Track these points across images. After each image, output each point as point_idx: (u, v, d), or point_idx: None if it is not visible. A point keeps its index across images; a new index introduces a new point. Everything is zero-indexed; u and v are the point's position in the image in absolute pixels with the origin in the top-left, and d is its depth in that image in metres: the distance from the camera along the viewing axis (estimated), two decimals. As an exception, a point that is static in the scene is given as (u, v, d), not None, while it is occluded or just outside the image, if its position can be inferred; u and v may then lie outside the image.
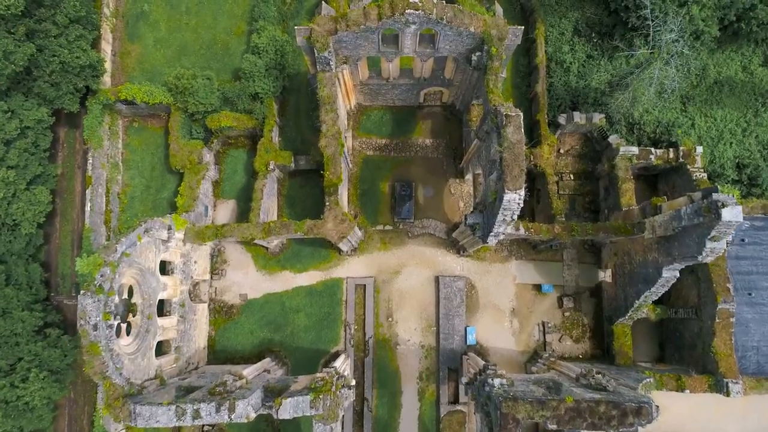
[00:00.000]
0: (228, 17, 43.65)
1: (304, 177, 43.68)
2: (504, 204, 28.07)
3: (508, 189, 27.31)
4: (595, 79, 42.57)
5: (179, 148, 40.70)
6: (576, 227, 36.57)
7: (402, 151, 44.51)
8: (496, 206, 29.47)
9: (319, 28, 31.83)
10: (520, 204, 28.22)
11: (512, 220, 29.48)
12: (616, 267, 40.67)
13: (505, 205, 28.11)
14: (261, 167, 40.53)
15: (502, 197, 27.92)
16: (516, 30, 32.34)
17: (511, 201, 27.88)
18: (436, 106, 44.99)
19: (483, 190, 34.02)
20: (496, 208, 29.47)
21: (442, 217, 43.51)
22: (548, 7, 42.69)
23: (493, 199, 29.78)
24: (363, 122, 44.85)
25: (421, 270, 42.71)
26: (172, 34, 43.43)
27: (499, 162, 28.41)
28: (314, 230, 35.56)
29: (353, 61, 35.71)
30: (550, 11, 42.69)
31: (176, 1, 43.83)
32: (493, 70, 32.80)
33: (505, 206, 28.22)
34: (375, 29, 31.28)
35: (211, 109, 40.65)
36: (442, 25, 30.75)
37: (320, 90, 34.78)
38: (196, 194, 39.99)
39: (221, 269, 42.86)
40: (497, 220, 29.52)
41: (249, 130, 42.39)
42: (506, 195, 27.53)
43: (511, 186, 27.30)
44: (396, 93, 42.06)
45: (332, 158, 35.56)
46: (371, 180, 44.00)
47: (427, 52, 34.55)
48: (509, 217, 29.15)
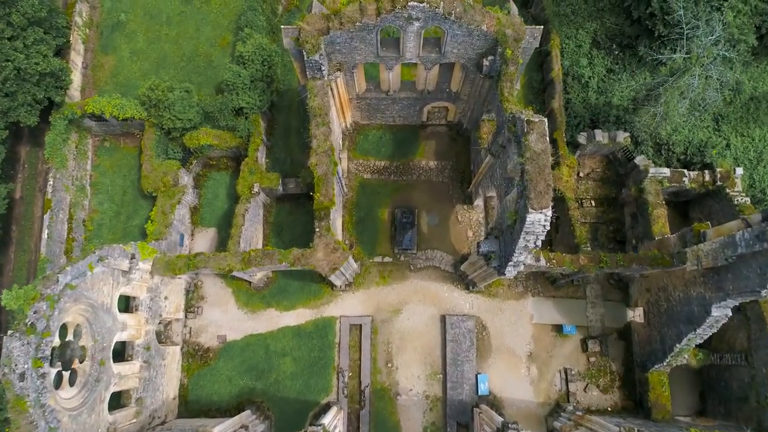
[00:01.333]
0: (212, 28, 40.19)
1: (294, 202, 39.26)
2: (527, 227, 23.49)
3: (532, 208, 22.80)
4: (616, 95, 38.78)
5: (152, 168, 36.40)
6: (605, 258, 31.88)
7: (403, 174, 40.26)
8: (516, 230, 24.89)
9: (308, 27, 28.02)
10: (546, 226, 23.65)
11: (536, 247, 24.83)
12: (649, 305, 35.71)
13: (528, 227, 23.53)
14: (244, 190, 36.13)
15: (524, 218, 23.37)
16: (534, 30, 28.54)
17: (536, 223, 23.32)
18: (441, 125, 41.03)
19: (498, 214, 29.52)
20: (516, 233, 24.90)
21: (449, 248, 38.85)
22: (563, 17, 39.29)
23: (512, 221, 25.23)
24: (360, 142, 40.77)
25: (425, 308, 37.73)
26: (151, 45, 39.85)
27: (521, 176, 24.00)
28: (302, 260, 30.85)
29: (348, 68, 31.83)
30: (566, 21, 39.26)
31: (156, 11, 40.45)
32: (508, 75, 28.84)
33: (528, 229, 23.64)
34: (373, 27, 27.46)
35: (189, 126, 36.59)
36: (450, 22, 26.93)
37: (310, 100, 30.75)
38: (169, 220, 35.44)
39: (197, 307, 37.85)
40: (518, 246, 24.89)
41: (232, 149, 38.24)
42: (529, 215, 23.00)
43: (535, 204, 22.79)
44: (396, 109, 38.12)
45: (323, 178, 31.21)
46: (369, 206, 39.57)
47: (432, 58, 30.69)
48: (532, 242, 24.52)
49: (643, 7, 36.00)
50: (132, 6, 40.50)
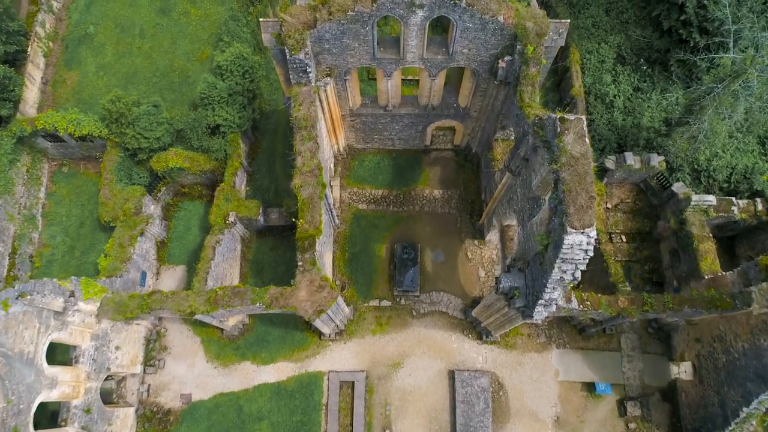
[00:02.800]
0: (190, 41, 36.39)
1: (277, 236, 34.14)
2: (563, 252, 18.30)
3: (571, 227, 17.70)
4: (646, 115, 34.43)
5: (111, 194, 31.52)
6: (649, 300, 26.49)
7: (404, 204, 35.35)
8: (548, 258, 19.68)
9: (291, 18, 23.86)
10: (588, 252, 18.47)
11: (573, 280, 19.54)
12: (700, 358, 29.90)
13: (565, 253, 18.34)
14: (217, 219, 31.11)
15: (560, 241, 18.23)
16: (559, 25, 24.37)
17: (575, 246, 18.15)
18: (447, 149, 36.51)
19: (520, 243, 24.36)
20: (547, 262, 19.68)
21: (457, 290, 33.41)
22: (583, 30, 35.52)
23: (542, 247, 20.03)
24: (354, 169, 36.11)
25: (431, 362, 31.89)
26: (120, 59, 35.91)
27: (554, 187, 19.03)
28: (281, 301, 25.45)
29: (340, 74, 27.53)
30: (586, 35, 35.46)
31: (129, 23, 36.80)
32: (529, 78, 24.46)
33: (566, 256, 18.43)
34: (368, 18, 23.26)
35: (157, 146, 31.99)
36: (460, 10, 22.74)
37: (294, 108, 26.28)
38: (127, 254, 30.21)
39: (159, 359, 32.00)
40: (550, 279, 19.60)
41: (207, 174, 33.49)
42: (568, 237, 17.87)
43: (575, 222, 17.70)
44: (396, 129, 33.65)
45: (309, 202, 26.30)
46: (364, 241, 34.43)
47: (438, 61, 26.40)
48: (570, 273, 19.25)
49: (675, 15, 32.20)
50: (102, 18, 36.92)
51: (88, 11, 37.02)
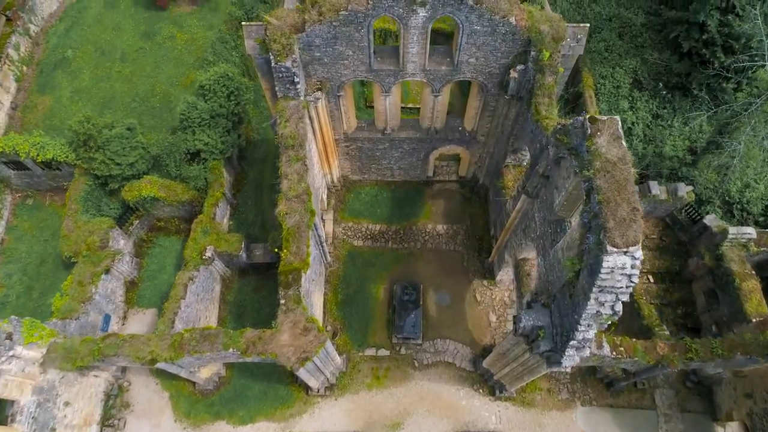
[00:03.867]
0: (175, 65, 34.15)
1: (261, 276, 30.53)
2: (602, 278, 14.78)
3: (611, 245, 14.28)
4: (668, 144, 31.65)
5: (75, 226, 28.21)
6: (693, 346, 22.65)
7: (404, 241, 31.96)
8: (580, 288, 16.13)
9: (277, 21, 21.37)
10: (633, 278, 14.95)
11: (614, 315, 15.91)
12: (753, 418, 25.63)
13: (604, 279, 14.82)
14: (192, 254, 27.64)
15: (597, 264, 14.77)
16: (578, 30, 21.89)
17: (617, 270, 14.66)
18: (451, 181, 33.52)
19: (541, 275, 20.80)
20: (580, 292, 16.12)
21: (465, 337, 29.49)
22: (595, 54, 33.29)
23: (573, 274, 16.51)
24: (350, 202, 32.97)
25: (435, 421, 27.55)
26: (98, 84, 33.54)
27: (586, 198, 15.73)
28: (259, 346, 21.66)
29: (333, 90, 24.87)
30: (599, 59, 33.21)
31: (110, 48, 34.71)
32: (545, 88, 21.72)
33: (605, 282, 14.89)
34: (363, 18, 20.74)
35: (130, 174, 28.98)
36: (466, 9, 20.23)
37: (280, 125, 23.43)
38: (87, 294, 26.57)
39: (119, 418, 27.68)
40: (585, 314, 15.96)
41: (185, 205, 30.31)
42: (608, 258, 14.42)
43: (618, 238, 14.30)
44: (396, 157, 30.75)
45: (295, 231, 23.02)
46: (359, 281, 30.81)
47: (442, 73, 23.77)
48: (610, 306, 15.64)
49: (696, 35, 30.00)
50: (82, 42, 34.90)
51: (67, 35, 35.08)
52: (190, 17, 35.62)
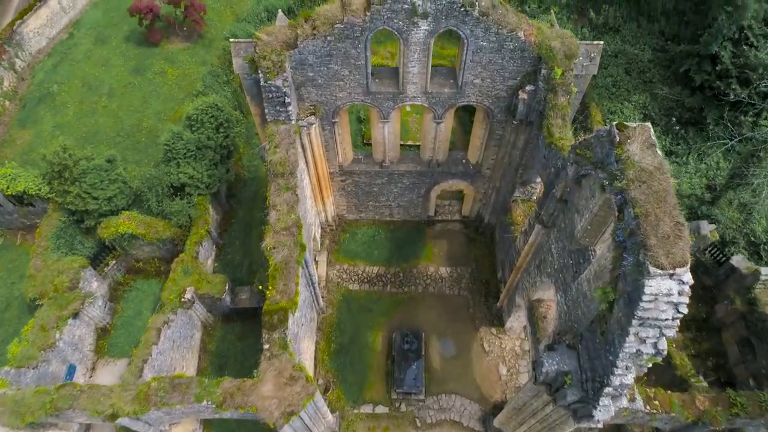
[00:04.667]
0: (164, 100, 32.73)
1: (247, 322, 27.70)
2: (643, 307, 12.34)
3: (655, 265, 11.94)
4: (685, 182, 29.83)
5: (43, 266, 25.73)
6: (739, 399, 19.73)
7: (404, 284, 29.40)
8: (614, 323, 13.61)
9: (268, 37, 19.88)
10: (681, 306, 12.55)
11: (658, 354, 13.30)
12: (808, 486, 22.24)
13: (645, 309, 12.37)
14: (170, 296, 25.02)
15: (637, 291, 12.37)
16: (591, 48, 20.42)
17: (662, 297, 12.25)
18: (454, 221, 31.36)
19: (562, 314, 18.21)
20: (614, 328, 13.59)
21: (473, 392, 26.37)
22: (603, 90, 32.05)
23: (606, 306, 13.99)
24: (345, 243, 30.65)
25: (441, 491, 24.07)
26: (82, 118, 31.97)
27: (619, 214, 13.48)
28: (237, 398, 18.71)
29: (327, 114, 23.15)
30: (606, 94, 31.94)
31: (97, 83, 33.43)
32: (558, 109, 20.00)
33: (647, 313, 12.43)
34: (360, 32, 19.23)
35: (108, 209, 26.82)
36: (472, 22, 18.77)
37: (269, 151, 21.50)
38: (50, 340, 23.74)
39: (77, 486, 24.12)
40: (622, 353, 13.35)
41: (167, 244, 27.98)
42: (650, 282, 12.06)
43: (662, 257, 11.98)
44: (395, 193, 28.72)
45: (283, 267, 20.66)
46: (355, 329, 28.01)
47: (445, 96, 22.10)
48: (652, 343, 13.08)
49: (708, 67, 28.83)
50: (69, 77, 33.67)
51: (54, 71, 33.91)
52: (182, 53, 34.65)
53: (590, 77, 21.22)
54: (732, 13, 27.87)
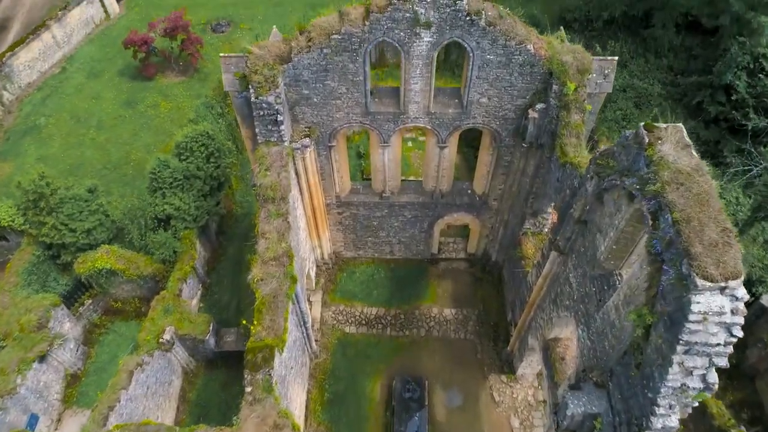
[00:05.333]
0: (155, 133, 31.69)
1: (232, 368, 25.18)
2: (689, 329, 10.49)
3: (703, 277, 10.15)
4: (704, 217, 28.14)
5: (10, 303, 23.77)
6: (790, 452, 17.30)
7: (405, 327, 27.23)
8: (652, 353, 11.65)
9: (260, 50, 18.85)
10: (734, 328, 10.64)
11: (708, 389, 11.27)
12: None
13: (692, 332, 10.52)
14: (147, 336, 22.90)
15: (682, 310, 10.53)
16: (605, 63, 19.34)
17: (712, 317, 10.40)
18: (459, 259, 29.53)
19: (585, 350, 16.13)
20: (652, 358, 11.62)
21: (483, 448, 23.73)
22: (612, 123, 31.02)
23: (641, 332, 12.04)
24: (342, 282, 28.72)
25: None
26: (68, 150, 30.82)
27: (653, 222, 11.77)
28: (213, 450, 16.39)
29: (323, 138, 21.86)
30: (617, 128, 30.86)
31: (86, 115, 32.55)
32: (572, 127, 18.68)
33: (694, 336, 10.56)
34: (359, 44, 18.20)
35: (86, 242, 25.15)
36: (478, 33, 17.74)
37: (259, 174, 20.05)
38: (10, 385, 21.50)
39: None
40: (664, 388, 11.32)
41: (148, 282, 26.09)
42: (698, 298, 10.26)
43: (710, 267, 10.22)
44: (396, 227, 27.08)
45: (271, 301, 18.83)
46: (351, 375, 25.63)
47: (449, 117, 20.87)
48: (700, 376, 11.09)
49: (722, 97, 27.87)
50: (57, 110, 32.85)
51: (43, 104, 33.14)
52: (177, 87, 33.99)
53: (605, 96, 20.04)
54: (745, 43, 27.26)
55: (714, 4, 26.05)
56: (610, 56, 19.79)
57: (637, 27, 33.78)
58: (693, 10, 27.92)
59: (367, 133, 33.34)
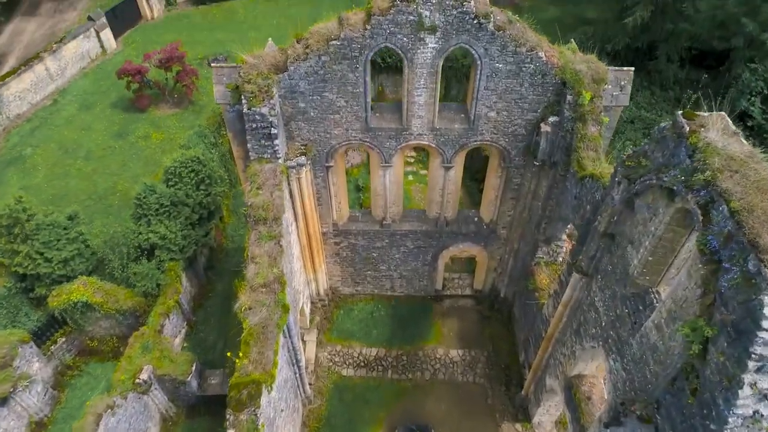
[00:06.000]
0: (144, 164, 30.27)
1: (218, 417, 22.20)
2: (764, 338, 8.56)
3: (777, 272, 8.36)
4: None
5: (-26, 338, 21.55)
6: None
7: (408, 370, 24.87)
8: (712, 375, 9.64)
9: (254, 59, 17.68)
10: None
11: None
12: None
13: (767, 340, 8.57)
14: (122, 376, 20.59)
15: (751, 315, 8.65)
16: (621, 74, 18.17)
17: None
18: (465, 296, 27.50)
19: (620, 382, 13.99)
20: (711, 383, 9.61)
21: (497, 507, 20.93)
22: (621, 152, 29.76)
23: (696, 349, 10.05)
24: (339, 320, 26.56)
25: None
26: (52, 181, 29.29)
27: (704, 216, 10.05)
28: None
29: (321, 157, 20.40)
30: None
31: (75, 146, 31.23)
32: (589, 140, 17.29)
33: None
34: (359, 51, 17.03)
35: (63, 273, 23.19)
36: (486, 38, 16.61)
37: (250, 192, 18.46)
38: (-38, 431, 18.99)
39: None
40: (732, 416, 9.26)
41: (128, 318, 23.94)
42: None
43: (786, 261, 8.42)
44: (397, 259, 25.22)
45: (259, 332, 16.88)
46: (348, 423, 23.08)
47: (455, 134, 19.50)
48: (778, 399, 9.07)
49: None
50: (45, 141, 31.59)
51: (31, 135, 31.93)
52: (170, 119, 32.93)
53: (621, 109, 18.77)
54: (756, 69, 26.45)
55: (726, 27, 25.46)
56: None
57: (641, 59, 33.22)
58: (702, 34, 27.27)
59: (366, 166, 32.22)
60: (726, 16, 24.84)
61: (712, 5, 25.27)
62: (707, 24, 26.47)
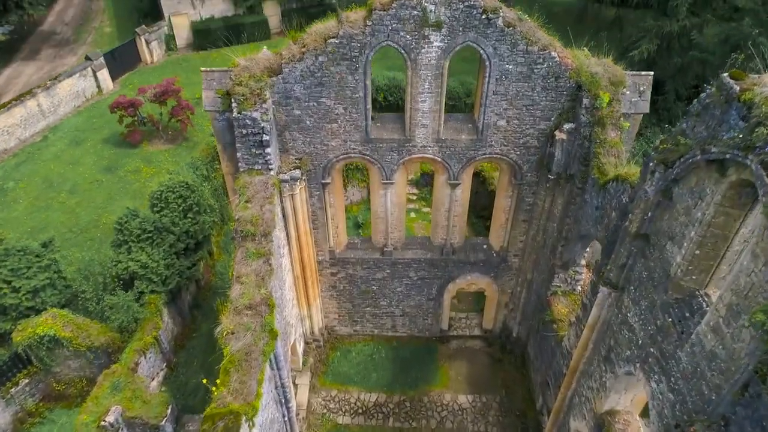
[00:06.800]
0: (132, 197, 28.78)
1: (194, 469, 20.06)
2: None
3: None
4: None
5: (-77, 375, 19.21)
6: None
7: (411, 418, 22.23)
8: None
9: (247, 62, 16.60)
10: None
11: None
12: None
13: None
14: (86, 419, 18.11)
15: None
16: (640, 79, 17.07)
17: None
18: (473, 337, 25.21)
19: (666, 406, 11.78)
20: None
21: None
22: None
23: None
24: (335, 362, 24.14)
25: None
26: (32, 213, 27.69)
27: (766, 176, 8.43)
28: None
29: (317, 172, 18.94)
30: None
31: (60, 180, 29.86)
32: (608, 145, 15.93)
33: None
34: (359, 50, 15.94)
35: (32, 305, 21.12)
36: (495, 36, 15.57)
37: (239, 206, 16.88)
38: None
39: None
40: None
41: (100, 356, 21.63)
42: None
43: None
44: (399, 292, 23.18)
45: (242, 359, 14.94)
46: (344, 479, 20.27)
47: (462, 146, 18.13)
48: None
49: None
50: (30, 175, 30.32)
51: (16, 169, 30.70)
52: (162, 154, 31.82)
53: (641, 117, 17.52)
54: None
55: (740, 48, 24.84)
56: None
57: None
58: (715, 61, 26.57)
59: (366, 203, 30.76)
60: (741, 37, 24.21)
61: (724, 28, 24.73)
62: (719, 50, 25.87)
